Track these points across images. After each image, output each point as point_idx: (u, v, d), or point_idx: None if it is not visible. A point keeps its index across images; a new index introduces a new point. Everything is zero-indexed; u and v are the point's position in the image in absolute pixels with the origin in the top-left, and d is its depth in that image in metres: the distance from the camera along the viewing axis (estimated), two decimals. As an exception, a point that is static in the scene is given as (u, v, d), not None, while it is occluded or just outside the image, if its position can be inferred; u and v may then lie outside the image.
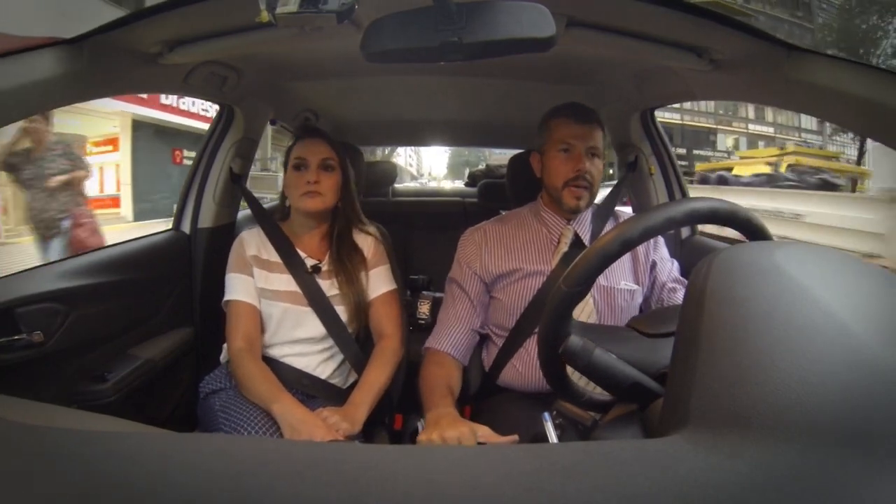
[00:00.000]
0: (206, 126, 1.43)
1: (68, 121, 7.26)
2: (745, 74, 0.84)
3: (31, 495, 0.26)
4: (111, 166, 8.05)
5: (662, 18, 0.77)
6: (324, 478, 0.27)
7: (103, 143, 7.89)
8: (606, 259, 0.52)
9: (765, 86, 0.83)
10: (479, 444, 0.74)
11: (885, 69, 0.64)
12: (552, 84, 1.34)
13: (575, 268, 0.53)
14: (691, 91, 1.07)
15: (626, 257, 1.05)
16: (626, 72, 1.19)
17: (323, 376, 1.09)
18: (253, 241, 1.11)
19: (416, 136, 2.46)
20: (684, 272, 1.11)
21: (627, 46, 0.86)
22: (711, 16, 0.73)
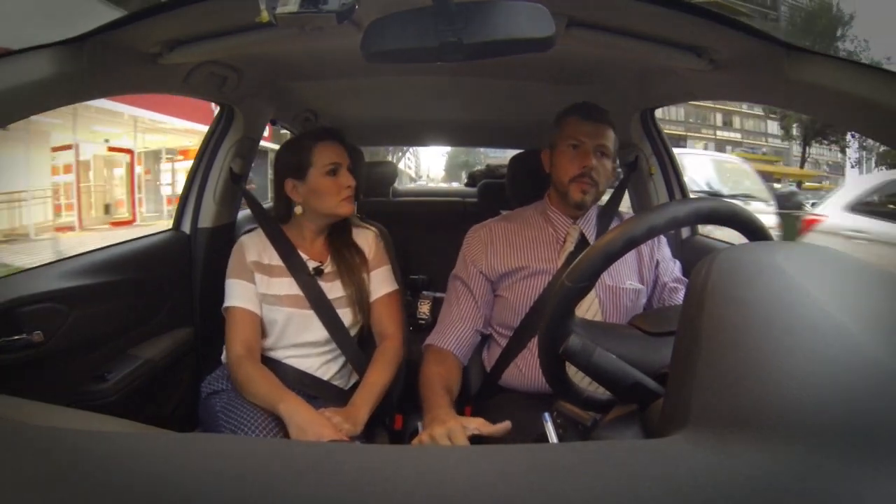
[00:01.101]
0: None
1: (157, 137, 9.29)
2: (745, 74, 0.84)
3: (31, 495, 0.26)
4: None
5: (662, 18, 0.77)
6: (324, 478, 0.27)
7: (181, 152, 9.71)
8: (610, 256, 0.52)
9: (764, 86, 0.83)
10: (474, 436, 0.74)
11: (885, 69, 0.64)
12: (552, 84, 1.34)
13: (579, 264, 0.53)
14: (691, 91, 1.07)
15: (631, 257, 1.05)
16: (627, 72, 1.19)
17: (325, 378, 1.09)
18: (253, 246, 1.09)
19: (416, 136, 2.46)
20: (684, 272, 1.11)
21: (628, 46, 0.86)
22: (711, 16, 0.73)
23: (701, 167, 5.07)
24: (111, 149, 8.82)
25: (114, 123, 8.26)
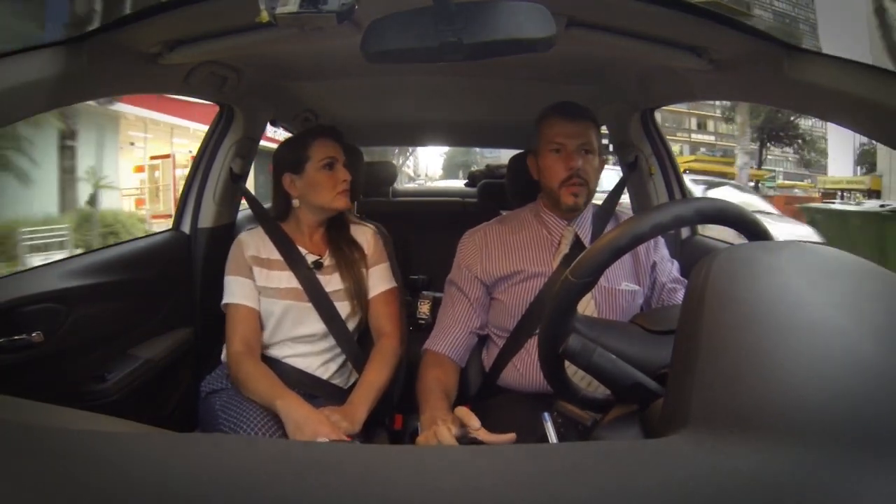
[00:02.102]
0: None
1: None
2: (745, 74, 0.84)
3: (32, 495, 0.26)
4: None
5: (662, 18, 0.77)
6: (324, 478, 0.27)
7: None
8: (616, 252, 0.51)
9: (764, 85, 0.83)
10: (473, 440, 0.73)
11: (884, 69, 0.64)
12: (552, 84, 1.34)
13: (584, 259, 0.52)
14: (691, 91, 1.07)
15: (627, 258, 1.05)
16: (627, 72, 1.19)
17: (324, 377, 1.09)
18: (251, 242, 1.10)
19: (416, 136, 2.46)
20: (684, 272, 1.10)
21: (627, 46, 0.86)
22: (711, 16, 0.73)
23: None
24: (193, 157, 10.54)
25: (185, 136, 10.22)
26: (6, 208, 6.52)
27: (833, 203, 9.73)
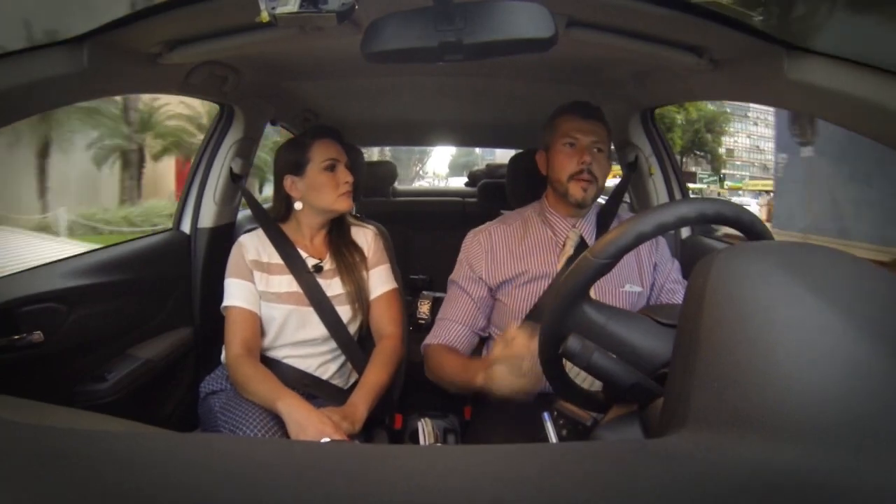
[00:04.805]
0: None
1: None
2: (745, 74, 0.84)
3: (31, 495, 0.26)
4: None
5: (662, 18, 0.77)
6: (324, 478, 0.27)
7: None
8: (639, 237, 0.51)
9: (764, 85, 0.83)
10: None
11: (884, 69, 0.64)
12: (552, 84, 1.34)
13: (607, 239, 0.51)
14: (691, 91, 1.07)
15: (631, 259, 1.04)
16: (626, 72, 1.19)
17: (324, 377, 1.09)
18: (252, 246, 1.10)
19: (416, 136, 2.46)
20: (684, 272, 1.10)
21: (627, 46, 0.86)
22: (711, 16, 0.73)
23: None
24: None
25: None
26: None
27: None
